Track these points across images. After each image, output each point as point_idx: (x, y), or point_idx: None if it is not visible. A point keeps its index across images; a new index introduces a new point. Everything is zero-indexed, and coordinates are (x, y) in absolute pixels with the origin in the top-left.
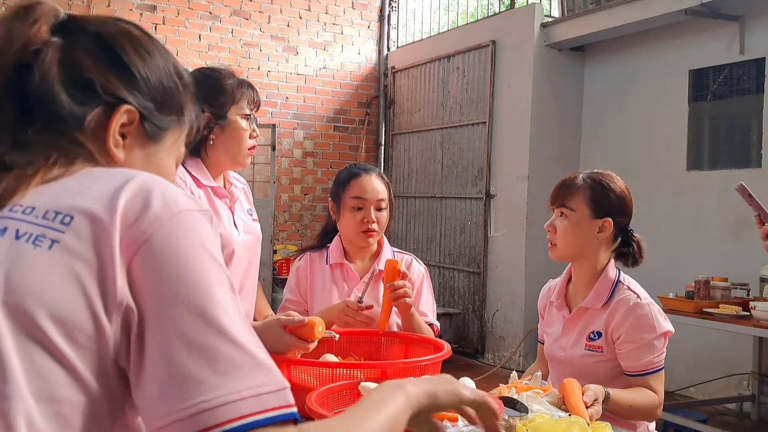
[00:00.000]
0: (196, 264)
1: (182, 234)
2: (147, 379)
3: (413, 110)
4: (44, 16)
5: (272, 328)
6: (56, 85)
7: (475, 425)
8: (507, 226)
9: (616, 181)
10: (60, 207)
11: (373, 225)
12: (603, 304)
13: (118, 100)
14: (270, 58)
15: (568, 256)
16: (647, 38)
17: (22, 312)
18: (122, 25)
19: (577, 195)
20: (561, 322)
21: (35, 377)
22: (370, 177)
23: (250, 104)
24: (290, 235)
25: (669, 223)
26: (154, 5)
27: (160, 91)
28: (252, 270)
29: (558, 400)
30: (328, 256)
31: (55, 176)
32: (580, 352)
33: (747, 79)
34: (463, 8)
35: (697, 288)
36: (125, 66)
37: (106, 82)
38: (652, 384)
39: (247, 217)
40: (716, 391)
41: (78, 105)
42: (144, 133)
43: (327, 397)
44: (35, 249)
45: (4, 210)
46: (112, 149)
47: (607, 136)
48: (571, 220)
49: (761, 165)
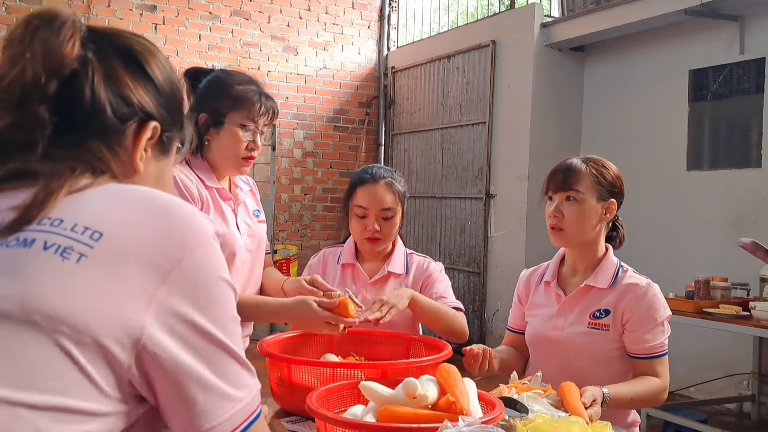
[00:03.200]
0: (217, 291)
1: (207, 261)
2: (167, 401)
3: (413, 110)
4: (75, 31)
5: (304, 305)
6: (105, 100)
7: None
8: (507, 226)
9: (609, 163)
10: (89, 222)
11: (376, 234)
12: (609, 285)
13: (148, 115)
14: (270, 58)
15: (577, 242)
16: (647, 38)
17: (45, 319)
18: (143, 41)
19: (582, 178)
20: (555, 303)
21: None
22: (376, 186)
23: (255, 116)
24: (290, 235)
25: (669, 223)
26: (154, 5)
27: (172, 106)
28: (255, 273)
29: (557, 402)
30: (340, 256)
31: (81, 188)
32: (581, 330)
33: (747, 79)
34: (463, 8)
35: (697, 288)
36: (152, 81)
37: (140, 98)
38: (657, 368)
39: (251, 220)
40: (716, 391)
41: (119, 121)
42: (160, 146)
43: (327, 396)
44: (63, 261)
45: (33, 224)
46: (138, 163)
47: (607, 136)
48: (581, 204)
49: (761, 165)
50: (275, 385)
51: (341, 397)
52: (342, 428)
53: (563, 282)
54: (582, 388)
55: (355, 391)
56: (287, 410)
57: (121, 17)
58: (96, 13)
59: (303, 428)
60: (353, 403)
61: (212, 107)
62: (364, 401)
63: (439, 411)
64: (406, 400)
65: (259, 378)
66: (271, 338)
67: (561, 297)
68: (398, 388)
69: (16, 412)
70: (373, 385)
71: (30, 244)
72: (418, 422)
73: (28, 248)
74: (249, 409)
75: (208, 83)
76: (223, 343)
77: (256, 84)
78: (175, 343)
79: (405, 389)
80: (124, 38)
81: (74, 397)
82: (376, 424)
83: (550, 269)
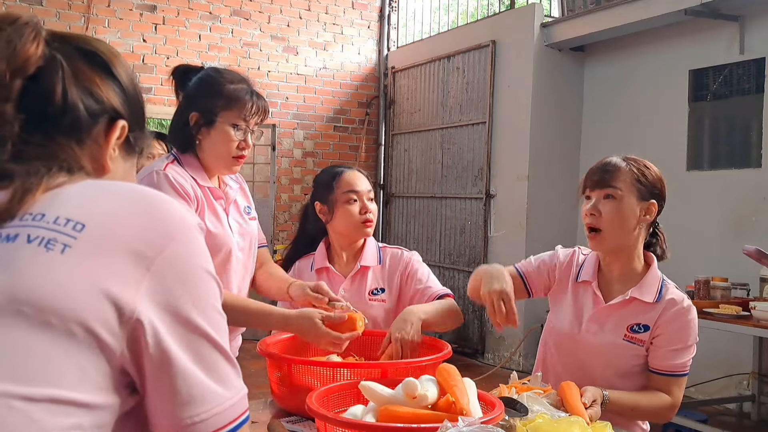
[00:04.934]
0: (201, 281)
1: (190, 252)
2: (152, 390)
3: (413, 110)
4: (38, 32)
5: (309, 321)
6: (76, 98)
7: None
8: (507, 226)
9: (651, 164)
10: (71, 215)
11: (371, 215)
12: (654, 300)
13: (116, 114)
14: (270, 58)
15: (616, 246)
16: (647, 38)
17: (33, 310)
18: (105, 44)
19: (623, 176)
20: (592, 305)
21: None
22: (355, 172)
23: (247, 115)
24: (290, 236)
25: (669, 223)
26: (154, 5)
27: (136, 107)
28: (248, 271)
29: (556, 402)
30: (313, 263)
31: (59, 184)
32: (616, 341)
33: (747, 79)
34: (463, 8)
35: (697, 288)
36: (118, 82)
37: (108, 97)
38: (672, 387)
39: (241, 218)
40: (716, 391)
41: (91, 117)
42: (127, 146)
43: (327, 396)
44: (48, 252)
45: (15, 220)
46: (107, 161)
47: (607, 136)
48: (620, 203)
49: (761, 165)
50: (275, 385)
51: (341, 397)
52: (342, 428)
53: (603, 286)
54: (582, 388)
55: (355, 391)
56: (287, 410)
57: (121, 17)
58: (96, 13)
59: (303, 428)
60: (353, 403)
61: (204, 106)
62: (364, 401)
63: (439, 411)
64: (406, 400)
65: (259, 378)
66: (271, 338)
67: (600, 302)
68: (398, 388)
69: (10, 404)
70: (373, 385)
71: (13, 239)
72: (418, 422)
73: (12, 243)
74: (236, 411)
75: (199, 82)
76: (207, 333)
77: (247, 83)
78: (160, 329)
79: (405, 389)
80: (87, 40)
81: (68, 389)
82: (376, 424)
83: (588, 268)
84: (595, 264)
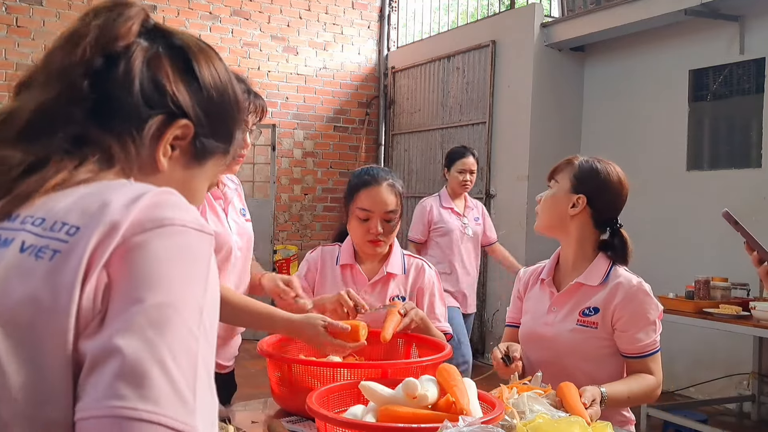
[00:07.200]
0: (171, 277)
1: (173, 245)
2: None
3: (413, 110)
4: (137, 16)
5: (312, 328)
6: (135, 81)
7: None
8: (507, 226)
9: (612, 168)
10: (69, 218)
11: (379, 237)
12: (600, 282)
13: (180, 112)
14: (270, 58)
15: (545, 226)
16: (647, 38)
17: (15, 325)
18: (204, 44)
19: (565, 169)
20: (548, 300)
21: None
22: (380, 188)
23: (245, 114)
24: (290, 236)
25: (669, 223)
26: (154, 5)
27: (215, 112)
28: (246, 271)
29: (556, 403)
30: (339, 256)
31: (79, 181)
32: (570, 327)
33: (747, 79)
34: (463, 8)
35: (697, 288)
36: (196, 80)
37: (176, 91)
38: (651, 366)
39: (239, 218)
40: (716, 391)
41: (146, 107)
42: (192, 151)
43: (327, 396)
44: (36, 261)
45: (16, 221)
46: (160, 157)
47: (607, 136)
48: (553, 191)
49: (761, 165)
50: (275, 385)
51: (341, 397)
52: (342, 428)
53: (558, 280)
54: (581, 388)
55: (355, 391)
56: (287, 410)
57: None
58: None
59: (303, 428)
60: (353, 403)
61: None
62: (364, 401)
63: (439, 411)
64: (406, 400)
65: (259, 378)
66: (271, 338)
67: (553, 294)
68: (398, 388)
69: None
70: (373, 385)
71: (8, 243)
72: (418, 422)
73: (5, 249)
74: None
75: None
76: (189, 328)
77: (244, 82)
78: (122, 306)
79: (405, 389)
80: (182, 35)
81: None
82: (376, 424)
83: (546, 267)
84: (552, 263)
